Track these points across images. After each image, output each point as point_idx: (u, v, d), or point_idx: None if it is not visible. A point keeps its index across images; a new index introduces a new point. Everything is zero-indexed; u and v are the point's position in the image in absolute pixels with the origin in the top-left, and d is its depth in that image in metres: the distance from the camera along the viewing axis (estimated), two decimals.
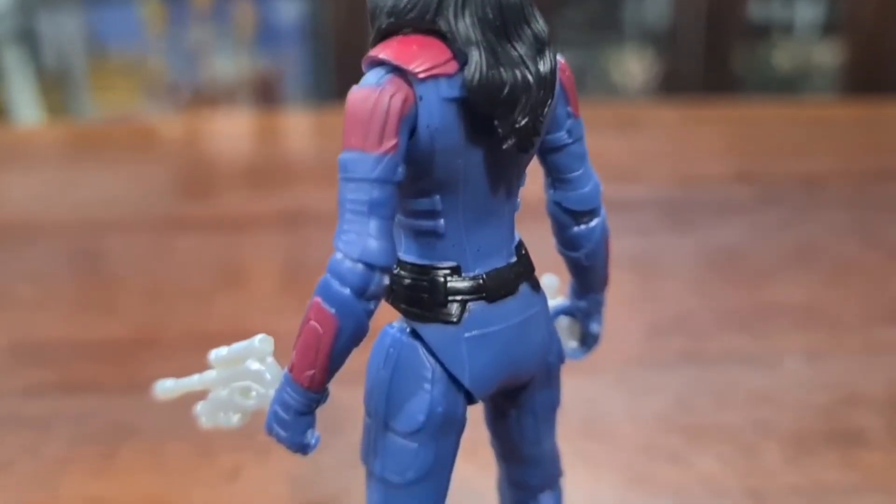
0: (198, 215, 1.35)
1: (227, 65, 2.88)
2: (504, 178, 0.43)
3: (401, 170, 0.39)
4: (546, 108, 0.41)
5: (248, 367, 0.45)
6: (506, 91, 0.40)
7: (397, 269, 0.44)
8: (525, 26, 0.41)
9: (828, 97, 2.45)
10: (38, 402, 0.88)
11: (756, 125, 1.72)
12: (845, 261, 1.15)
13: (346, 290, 0.39)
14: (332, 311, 0.39)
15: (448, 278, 0.43)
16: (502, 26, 0.40)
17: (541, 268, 0.48)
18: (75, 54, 2.71)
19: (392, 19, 0.41)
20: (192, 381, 0.48)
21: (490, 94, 0.39)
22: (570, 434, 0.54)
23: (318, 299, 0.40)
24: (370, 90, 0.39)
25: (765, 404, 0.85)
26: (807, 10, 2.53)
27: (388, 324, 0.45)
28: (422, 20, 0.40)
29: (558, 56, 0.43)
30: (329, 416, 0.51)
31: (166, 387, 0.49)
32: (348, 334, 0.40)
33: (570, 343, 0.53)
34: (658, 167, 1.51)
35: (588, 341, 0.53)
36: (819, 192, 1.38)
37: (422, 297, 0.43)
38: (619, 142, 1.59)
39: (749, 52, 2.59)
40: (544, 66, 0.41)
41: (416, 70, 0.39)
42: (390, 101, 0.39)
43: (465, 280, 0.43)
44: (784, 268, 1.13)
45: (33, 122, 2.49)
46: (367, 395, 0.45)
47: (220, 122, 1.99)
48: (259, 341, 0.45)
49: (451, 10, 0.40)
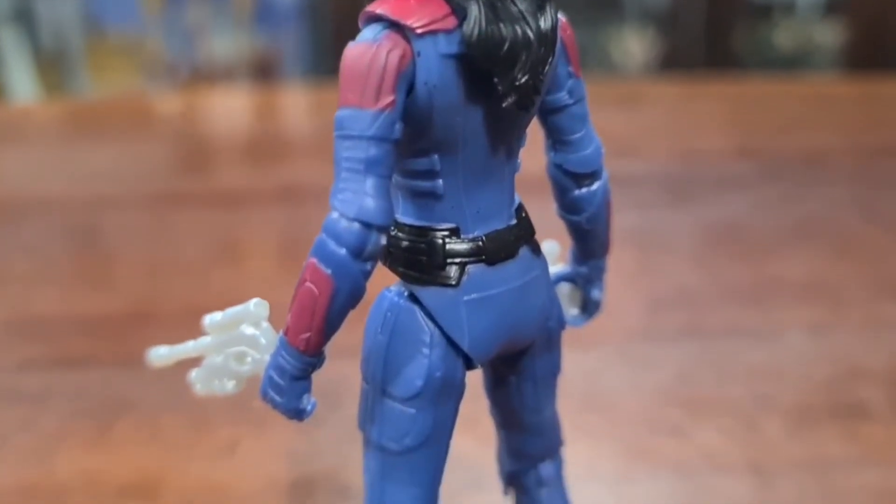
0: (195, 191, 1.34)
1: (225, 44, 2.86)
2: (504, 137, 0.42)
3: (398, 127, 0.38)
4: (547, 65, 0.40)
5: (243, 332, 0.44)
6: (505, 47, 0.39)
7: (394, 231, 0.43)
8: None
9: (829, 77, 2.44)
10: (34, 377, 0.87)
11: (757, 101, 1.71)
12: (847, 236, 1.15)
13: (343, 251, 0.38)
14: (329, 271, 0.38)
15: (447, 240, 0.42)
16: None
17: (541, 237, 0.47)
18: (72, 34, 2.70)
19: None
20: (187, 348, 0.47)
21: (489, 50, 0.38)
22: (570, 407, 0.53)
23: (314, 260, 0.39)
24: (367, 46, 0.38)
25: (766, 378, 0.84)
26: None
27: (386, 288, 0.44)
28: None
29: (559, 14, 0.42)
30: (327, 390, 0.50)
31: (160, 354, 0.48)
32: (345, 296, 0.39)
33: (570, 310, 0.52)
34: (659, 142, 1.50)
35: (589, 308, 0.52)
36: (821, 168, 1.37)
37: (420, 260, 0.42)
38: (619, 117, 1.58)
39: (750, 32, 2.58)
40: (545, 23, 0.40)
41: (414, 25, 0.38)
42: (387, 56, 0.38)
43: (464, 242, 0.42)
44: (786, 243, 1.13)
45: (30, 100, 2.48)
46: (364, 360, 0.44)
47: (218, 99, 1.98)
48: (254, 305, 0.44)
49: None
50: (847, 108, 1.69)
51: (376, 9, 0.39)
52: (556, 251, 0.52)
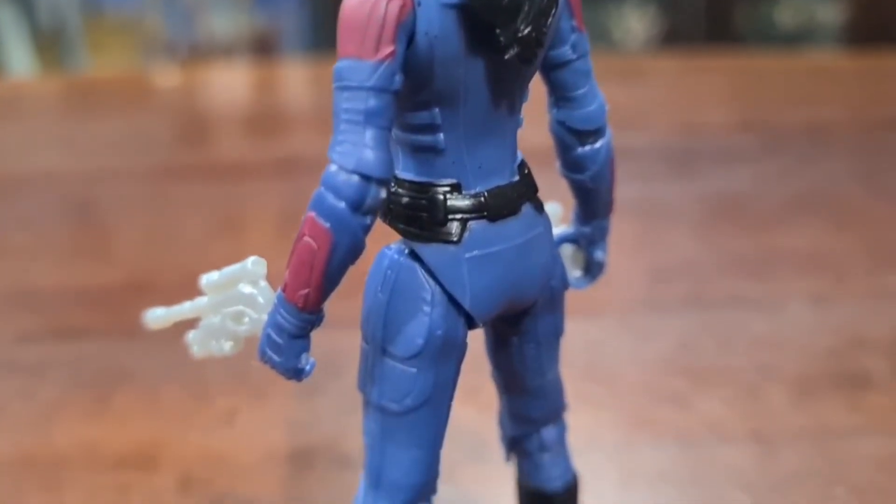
0: (194, 164, 1.34)
1: (225, 22, 2.85)
2: (506, 92, 0.41)
3: (398, 78, 0.38)
4: (549, 17, 0.39)
5: (241, 291, 0.44)
6: None
7: (395, 188, 0.42)
8: None
9: (831, 52, 2.43)
10: (32, 348, 0.87)
11: (759, 75, 1.70)
12: (849, 208, 1.14)
13: (342, 204, 0.37)
14: (327, 225, 0.37)
15: (448, 196, 0.41)
16: None
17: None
18: (70, 13, 2.68)
19: None
20: (183, 309, 0.46)
21: (491, 0, 0.38)
22: (572, 377, 0.52)
23: (313, 214, 0.38)
24: None
25: (769, 348, 0.84)
26: None
27: (386, 245, 0.43)
28: None
29: None
30: (326, 360, 0.50)
31: (157, 315, 0.48)
32: (344, 250, 0.38)
33: (574, 272, 0.51)
34: (661, 116, 1.49)
35: (593, 270, 0.51)
36: (823, 141, 1.36)
37: (420, 216, 0.41)
38: (621, 90, 1.57)
39: (751, 10, 2.57)
40: None
41: None
42: (387, 6, 0.37)
43: (465, 198, 0.41)
44: (788, 215, 1.12)
45: (27, 76, 2.47)
46: (363, 320, 0.43)
47: (217, 74, 1.97)
48: (252, 263, 0.43)
49: None
50: (849, 81, 1.68)
51: None
52: (558, 212, 0.52)
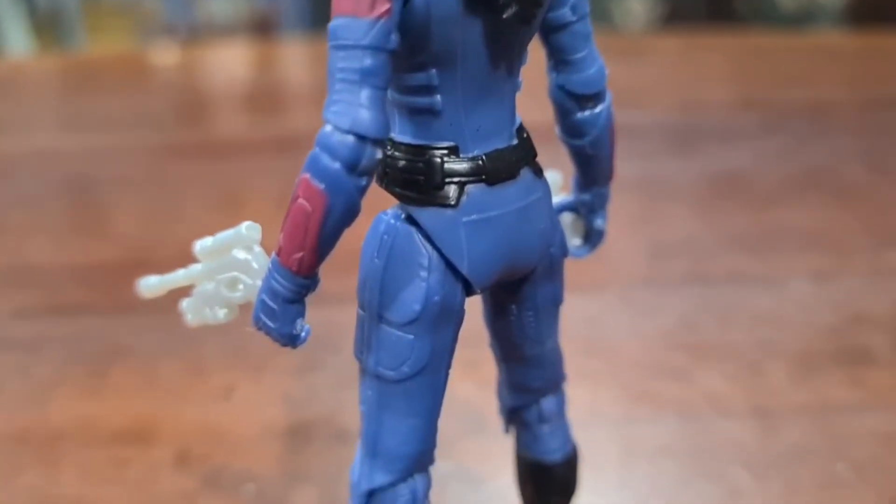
0: (193, 142, 1.33)
1: (224, 4, 2.84)
2: (505, 53, 0.40)
3: (394, 37, 0.37)
4: None
5: (235, 257, 0.43)
6: None
7: (391, 151, 0.41)
8: None
9: (832, 33, 2.42)
10: (29, 325, 0.87)
11: (760, 54, 1.69)
12: (850, 186, 1.13)
13: (337, 164, 0.36)
14: (322, 186, 0.36)
15: (445, 159, 0.40)
16: None
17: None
18: None
19: None
20: (177, 276, 0.46)
21: None
22: (572, 352, 0.52)
23: (307, 175, 0.37)
24: None
25: (770, 324, 0.83)
26: None
27: (383, 211, 0.42)
28: None
29: None
30: (324, 335, 0.49)
31: (150, 283, 0.47)
32: (339, 212, 0.37)
33: (573, 241, 0.51)
34: (662, 94, 1.48)
35: (593, 238, 0.50)
36: (824, 120, 1.35)
37: (417, 180, 0.40)
38: (621, 69, 1.55)
39: None
40: None
41: None
42: None
43: (463, 161, 0.40)
44: (789, 193, 1.11)
45: (25, 56, 2.46)
46: (360, 286, 0.42)
47: (216, 53, 1.96)
48: (246, 228, 0.43)
49: None
50: (850, 61, 1.67)
51: None
52: (558, 181, 0.51)
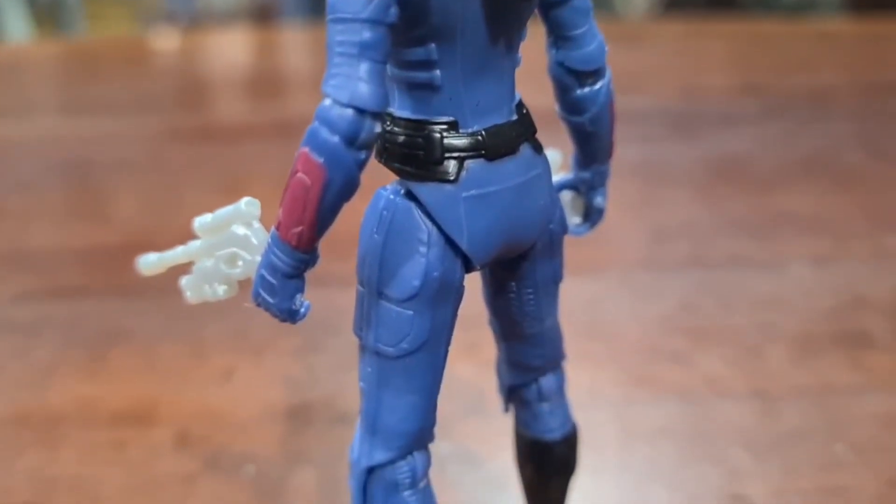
0: (193, 127, 1.33)
1: None
2: (504, 28, 0.40)
3: (393, 11, 0.36)
4: None
5: (235, 233, 0.43)
6: None
7: (390, 126, 0.41)
8: None
9: (833, 20, 2.41)
10: (28, 308, 0.87)
11: (761, 40, 1.69)
12: (850, 171, 1.13)
13: (336, 138, 0.36)
14: (321, 160, 0.36)
15: (444, 134, 0.40)
16: None
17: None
18: None
19: None
20: (176, 253, 0.45)
21: None
22: (572, 334, 0.51)
23: (306, 149, 0.37)
24: None
25: (770, 308, 0.83)
26: None
27: (382, 186, 0.42)
28: None
29: None
30: (324, 318, 0.49)
31: (149, 261, 0.47)
32: (338, 186, 0.37)
33: (573, 219, 0.50)
34: (662, 79, 1.48)
35: (592, 216, 0.50)
36: (824, 105, 1.35)
37: (416, 155, 0.40)
38: (622, 54, 1.55)
39: None
40: None
41: None
42: None
43: (462, 136, 0.40)
44: (790, 177, 1.11)
45: (25, 41, 2.46)
46: (359, 262, 0.42)
47: (217, 39, 1.96)
48: (245, 204, 0.43)
49: None
50: (850, 47, 1.67)
51: None
52: (558, 159, 0.51)
